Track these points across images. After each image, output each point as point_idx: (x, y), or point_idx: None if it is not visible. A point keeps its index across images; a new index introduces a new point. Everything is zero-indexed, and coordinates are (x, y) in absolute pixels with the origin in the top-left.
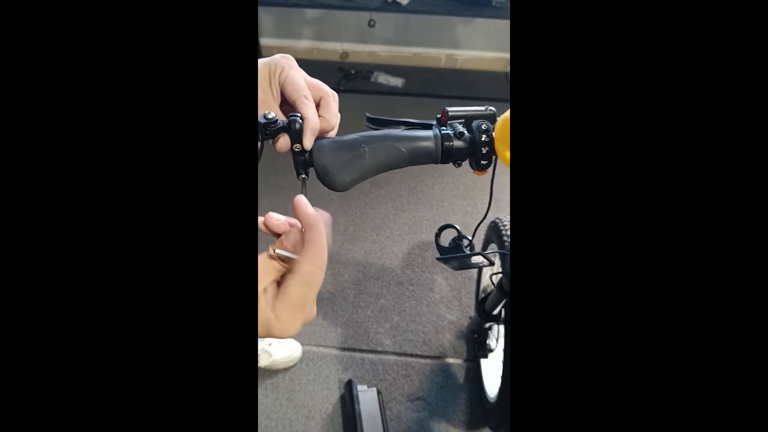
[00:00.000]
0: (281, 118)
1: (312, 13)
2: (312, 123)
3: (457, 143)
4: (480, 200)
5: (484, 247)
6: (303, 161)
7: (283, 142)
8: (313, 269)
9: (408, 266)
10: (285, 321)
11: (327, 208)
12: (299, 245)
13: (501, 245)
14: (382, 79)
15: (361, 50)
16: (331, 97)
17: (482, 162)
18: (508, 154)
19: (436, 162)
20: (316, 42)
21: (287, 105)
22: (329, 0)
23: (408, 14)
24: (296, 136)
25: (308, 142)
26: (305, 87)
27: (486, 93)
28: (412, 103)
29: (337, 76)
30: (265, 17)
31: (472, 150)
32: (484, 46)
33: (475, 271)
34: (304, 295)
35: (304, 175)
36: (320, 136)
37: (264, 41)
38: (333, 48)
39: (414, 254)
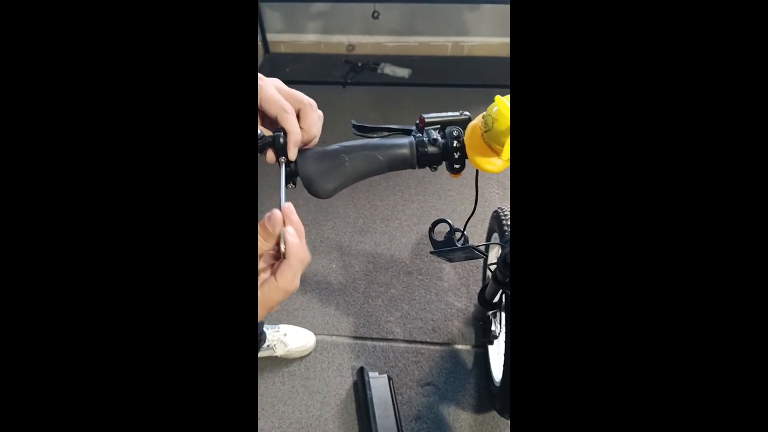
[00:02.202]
0: (266, 133)
1: (317, 6)
2: (294, 137)
3: (431, 149)
4: (487, 190)
5: (488, 235)
6: (289, 172)
7: (271, 155)
8: (293, 281)
9: (417, 256)
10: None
11: (335, 201)
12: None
13: (502, 234)
14: (389, 70)
15: (367, 41)
16: (309, 107)
17: (455, 166)
18: (478, 159)
19: (412, 167)
20: (322, 35)
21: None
22: None
23: (413, 3)
24: (281, 149)
25: (292, 154)
26: (283, 100)
27: (493, 79)
28: (420, 93)
29: (344, 68)
30: (271, 13)
31: (445, 155)
32: (491, 32)
33: (482, 259)
34: (276, 300)
35: (292, 185)
36: (304, 147)
37: (271, 36)
38: (339, 41)
39: (423, 244)
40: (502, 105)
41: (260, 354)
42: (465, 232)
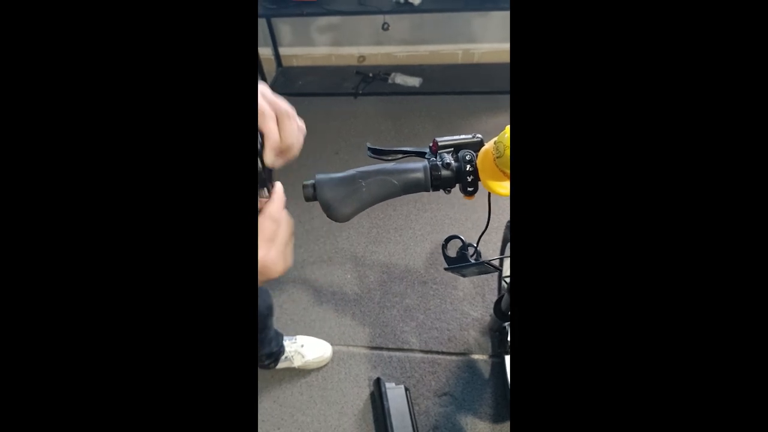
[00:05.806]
0: None
1: (327, 20)
2: (272, 141)
3: (445, 173)
4: (501, 198)
5: (503, 245)
6: (263, 179)
7: None
8: (278, 209)
9: (431, 265)
10: (262, 255)
11: None
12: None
13: None
14: (400, 80)
15: (377, 52)
16: (286, 116)
17: (468, 189)
18: (490, 183)
19: (426, 190)
20: (333, 48)
21: None
22: (342, 6)
23: (422, 13)
24: (259, 154)
25: (269, 158)
26: (264, 104)
27: (505, 86)
28: (431, 102)
29: (356, 80)
30: (283, 27)
31: (458, 178)
32: (501, 38)
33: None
34: (273, 231)
35: (267, 193)
36: (288, 161)
37: (283, 50)
38: (350, 52)
39: (437, 253)
40: None
41: (278, 365)
42: (478, 248)
